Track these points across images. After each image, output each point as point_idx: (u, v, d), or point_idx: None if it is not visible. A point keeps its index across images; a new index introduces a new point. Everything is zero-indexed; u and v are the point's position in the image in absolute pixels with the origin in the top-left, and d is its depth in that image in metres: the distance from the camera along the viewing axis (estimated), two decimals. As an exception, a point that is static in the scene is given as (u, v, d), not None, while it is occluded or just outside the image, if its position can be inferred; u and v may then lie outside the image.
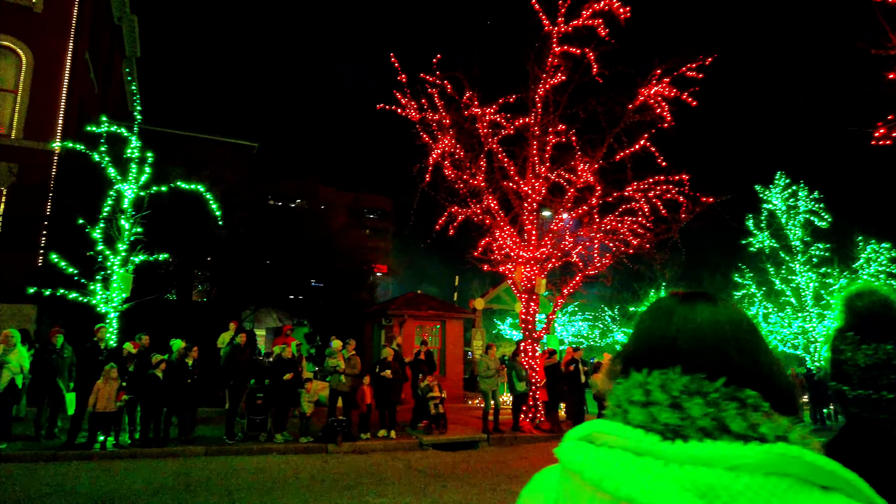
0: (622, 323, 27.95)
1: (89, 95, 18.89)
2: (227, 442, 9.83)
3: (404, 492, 7.60)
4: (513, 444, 12.04)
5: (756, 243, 24.28)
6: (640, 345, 0.82)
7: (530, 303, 13.95)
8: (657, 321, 0.82)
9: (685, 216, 13.77)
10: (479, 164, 13.72)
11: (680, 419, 0.70)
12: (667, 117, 13.19)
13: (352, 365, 11.29)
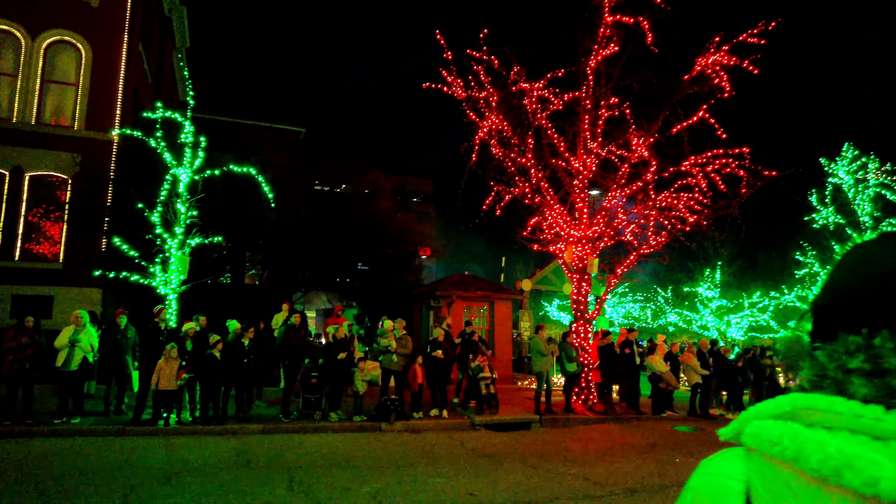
0: (675, 304, 27.11)
1: (143, 86, 19.45)
2: (282, 420, 10.02)
3: (460, 472, 7.56)
4: (565, 425, 11.86)
5: (820, 219, 22.98)
6: (851, 297, 0.64)
7: (582, 283, 13.62)
8: (877, 265, 0.63)
9: (745, 191, 13.10)
10: (527, 142, 13.39)
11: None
12: (726, 87, 12.51)
13: (403, 344, 11.33)
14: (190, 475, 6.74)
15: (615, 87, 13.06)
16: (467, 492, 6.56)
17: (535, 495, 6.56)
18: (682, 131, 12.98)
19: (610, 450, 9.54)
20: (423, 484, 6.86)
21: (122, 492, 5.97)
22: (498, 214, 14.30)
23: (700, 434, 11.54)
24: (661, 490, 7.00)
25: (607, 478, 7.48)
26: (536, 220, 14.15)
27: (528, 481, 7.20)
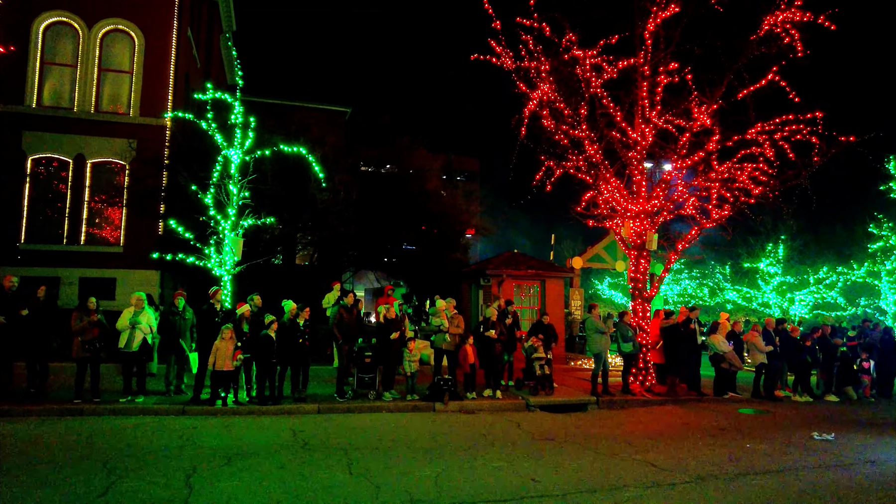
0: (734, 281, 25.92)
1: (193, 71, 19.70)
2: (337, 400, 10.04)
3: (520, 455, 7.34)
4: (623, 407, 11.49)
5: (896, 188, 21.38)
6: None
7: (640, 260, 13.06)
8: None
9: (818, 159, 12.19)
10: (581, 113, 12.80)
11: None
12: (799, 46, 11.58)
13: (455, 324, 11.14)
14: (249, 456, 6.76)
15: (675, 51, 12.30)
16: (530, 477, 6.33)
17: (601, 481, 6.28)
18: (748, 97, 12.14)
19: (674, 433, 9.13)
20: (483, 468, 6.68)
21: (186, 472, 6.02)
22: (548, 190, 13.82)
23: (766, 417, 10.96)
24: (735, 478, 6.59)
25: (675, 464, 7.12)
26: (591, 195, 13.60)
27: (591, 466, 6.92)
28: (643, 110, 12.72)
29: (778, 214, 15.15)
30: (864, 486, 6.58)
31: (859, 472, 7.25)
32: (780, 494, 6.08)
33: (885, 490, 6.42)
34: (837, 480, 6.79)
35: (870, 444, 8.72)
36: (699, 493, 6.02)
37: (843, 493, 6.25)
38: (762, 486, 6.34)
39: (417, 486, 5.84)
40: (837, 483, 6.67)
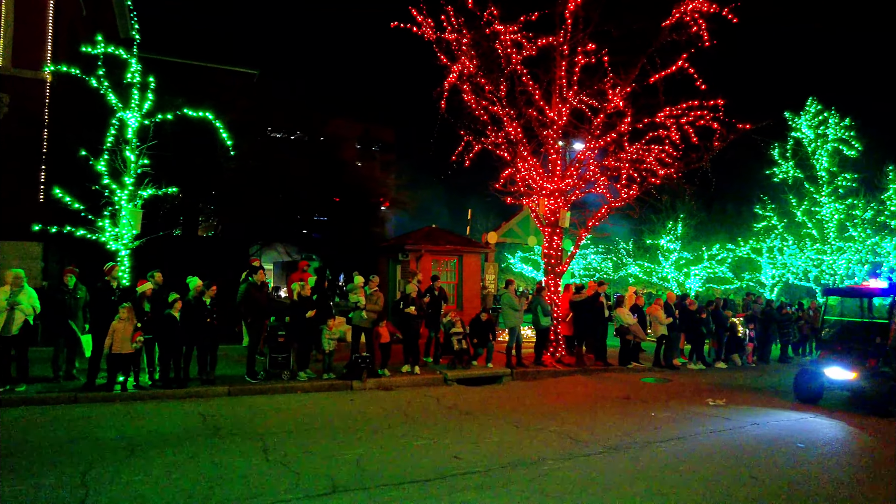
0: (637, 255, 27.52)
1: (78, 19, 17.63)
2: (249, 381, 9.58)
3: (441, 431, 7.37)
4: (536, 378, 11.88)
5: (780, 173, 23.40)
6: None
7: (553, 236, 13.42)
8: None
9: (718, 144, 12.99)
10: (501, 89, 12.80)
11: None
12: (705, 36, 12.14)
13: (374, 301, 10.92)
14: (155, 446, 6.28)
15: (593, 32, 12.52)
16: (453, 454, 6.36)
17: (521, 455, 6.43)
18: (659, 81, 12.63)
19: (586, 404, 9.56)
20: (405, 447, 6.63)
21: (81, 468, 5.47)
22: (467, 165, 13.83)
23: (667, 385, 11.77)
24: (644, 447, 6.99)
25: (589, 435, 7.44)
26: (510, 172, 13.74)
27: (510, 440, 7.07)
28: (561, 89, 12.92)
29: (679, 194, 16.07)
30: (752, 444, 7.23)
31: (748, 432, 7.95)
32: (684, 459, 6.52)
33: (770, 446, 7.09)
34: (731, 441, 7.41)
35: (754, 408, 9.59)
36: (613, 462, 6.33)
37: (736, 453, 6.82)
38: (668, 453, 6.78)
39: (339, 470, 5.69)
40: (731, 444, 7.28)
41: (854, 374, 9.53)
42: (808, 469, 6.42)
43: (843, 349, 10.12)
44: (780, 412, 9.35)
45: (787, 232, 23.93)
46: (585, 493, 5.35)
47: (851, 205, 22.89)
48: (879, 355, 9.61)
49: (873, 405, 9.25)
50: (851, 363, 9.69)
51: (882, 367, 9.49)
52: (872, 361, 9.56)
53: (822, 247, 23.26)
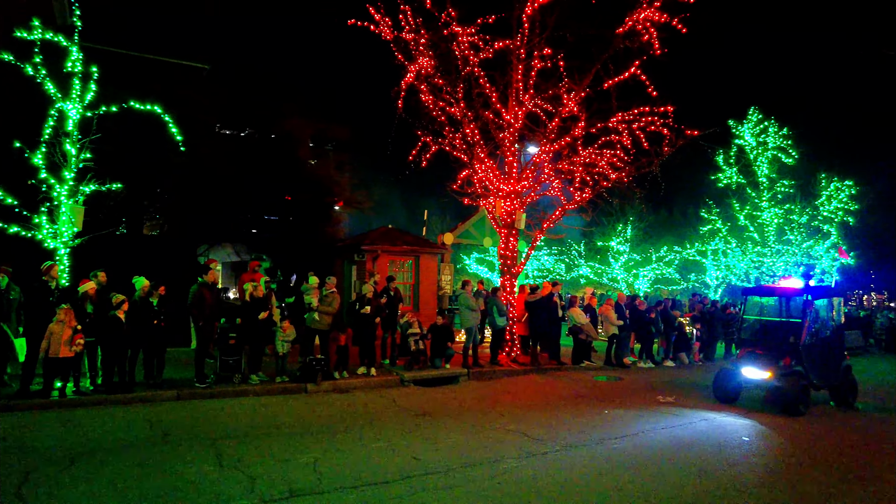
0: (588, 257, 28.15)
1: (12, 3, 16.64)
2: (198, 385, 9.23)
3: (398, 433, 7.30)
4: (492, 378, 11.95)
5: (724, 179, 24.42)
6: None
7: (509, 238, 13.56)
8: None
9: (668, 150, 13.41)
10: (458, 90, 12.84)
11: None
12: (656, 44, 12.51)
13: (328, 302, 10.72)
14: (98, 455, 5.97)
15: (549, 37, 12.72)
16: (412, 455, 6.32)
17: (480, 454, 6.45)
18: (612, 87, 12.95)
19: (541, 403, 9.68)
20: (362, 449, 6.54)
21: (15, 480, 5.13)
22: (424, 166, 13.82)
23: (619, 383, 12.05)
24: (599, 443, 7.14)
25: (545, 433, 7.53)
26: (467, 173, 13.80)
27: (469, 440, 7.09)
28: (517, 93, 13.06)
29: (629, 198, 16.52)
30: (701, 440, 7.48)
31: (697, 428, 8.22)
32: (637, 455, 6.69)
33: (718, 440, 7.36)
34: (681, 437, 7.65)
35: (701, 404, 9.93)
36: (570, 459, 6.43)
37: (686, 448, 7.04)
38: (622, 449, 6.94)
39: (296, 475, 5.56)
40: (681, 440, 7.51)
41: (768, 373, 9.52)
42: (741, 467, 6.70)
43: (759, 348, 10.12)
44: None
45: (731, 235, 25.00)
46: (545, 491, 5.41)
47: (789, 210, 24.14)
48: (793, 355, 9.61)
49: (784, 404, 9.26)
50: (766, 363, 9.67)
51: (795, 366, 9.50)
52: (786, 361, 9.56)
53: (762, 249, 24.39)
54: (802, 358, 9.57)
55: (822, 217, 24.13)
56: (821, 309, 10.53)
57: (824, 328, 10.49)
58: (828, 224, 24.22)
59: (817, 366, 9.87)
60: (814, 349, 9.92)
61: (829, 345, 10.39)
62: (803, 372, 9.49)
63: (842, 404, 10.38)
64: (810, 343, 9.89)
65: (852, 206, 23.98)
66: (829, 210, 23.97)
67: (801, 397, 9.27)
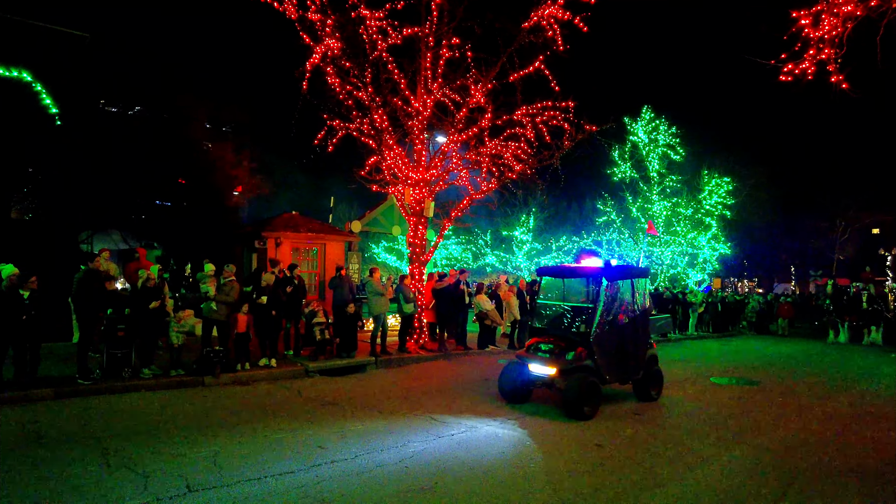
0: (494, 246, 28.92)
1: None
2: (82, 382, 8.50)
3: (304, 423, 7.14)
4: (401, 365, 11.99)
5: (619, 173, 25.94)
6: None
7: (418, 226, 13.61)
8: None
9: (568, 143, 14.00)
10: (366, 75, 12.65)
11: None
12: (559, 41, 12.99)
13: (226, 292, 10.22)
14: (-42, 461, 5.34)
15: (458, 27, 12.82)
16: (317, 445, 6.20)
17: (388, 440, 6.45)
18: (518, 81, 13.29)
19: (447, 387, 9.84)
20: (265, 440, 6.34)
21: None
22: (330, 151, 13.51)
23: (522, 367, 12.51)
24: (503, 423, 7.39)
25: (451, 415, 7.68)
26: (375, 160, 13.66)
27: (376, 427, 7.07)
28: (426, 81, 13.08)
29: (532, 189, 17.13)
30: (597, 416, 7.93)
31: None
32: (536, 432, 6.98)
33: (616, 415, 7.84)
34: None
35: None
36: (475, 440, 6.61)
37: (587, 424, 7.45)
38: (523, 428, 7.22)
39: (194, 469, 5.29)
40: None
41: (554, 368, 7.99)
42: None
43: (550, 338, 8.54)
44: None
45: (624, 226, 26.67)
46: (451, 471, 5.52)
47: (676, 203, 26.14)
48: (583, 346, 8.10)
49: (566, 406, 7.83)
50: (553, 356, 8.13)
51: (583, 360, 8.04)
52: (577, 352, 8.07)
53: (652, 240, 26.24)
54: (594, 350, 8.11)
55: (705, 210, 26.38)
56: (621, 292, 8.90)
57: (626, 313, 8.89)
58: (709, 217, 26.49)
59: (613, 358, 8.48)
60: (609, 339, 8.41)
61: (629, 333, 8.84)
62: (593, 367, 8.12)
63: (644, 399, 9.13)
64: (605, 332, 8.35)
65: (729, 201, 26.43)
66: (711, 204, 26.24)
67: (585, 398, 7.77)
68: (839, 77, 6.95)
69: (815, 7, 6.89)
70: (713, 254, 26.86)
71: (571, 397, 7.71)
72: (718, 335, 21.76)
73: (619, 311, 8.75)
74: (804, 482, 5.61)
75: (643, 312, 9.33)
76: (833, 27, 6.77)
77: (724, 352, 16.85)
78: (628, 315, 8.91)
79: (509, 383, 8.54)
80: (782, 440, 7.11)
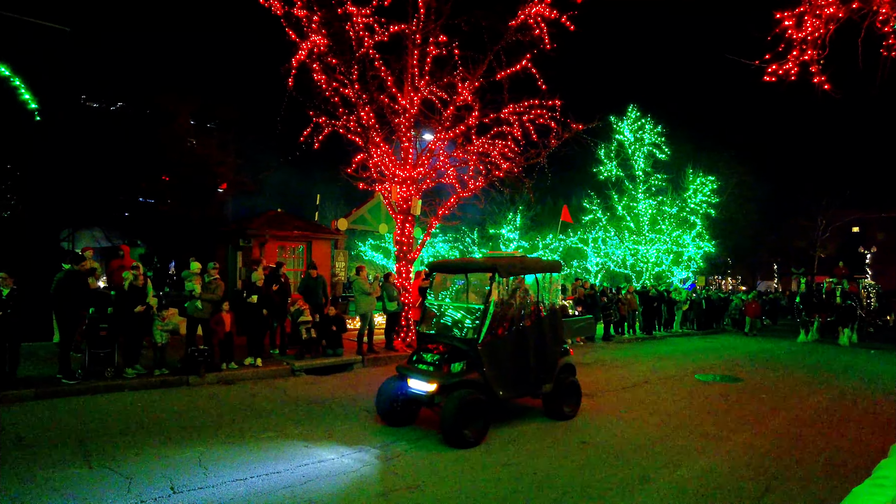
0: (481, 244, 28.93)
1: None
2: (64, 382, 8.38)
3: (289, 423, 7.10)
4: (387, 363, 11.95)
5: (605, 171, 26.09)
6: None
7: (405, 224, 13.58)
8: None
9: (555, 142, 14.04)
10: (353, 72, 12.58)
11: None
12: (546, 39, 13.02)
13: (212, 290, 10.15)
14: (-64, 463, 5.23)
15: (445, 24, 12.80)
16: (303, 444, 6.17)
17: (374, 440, 6.44)
18: (504, 79, 13.30)
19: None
20: (252, 440, 6.29)
21: None
22: (316, 148, 13.44)
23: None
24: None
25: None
26: (362, 158, 13.61)
27: (362, 426, 7.05)
28: (413, 78, 13.04)
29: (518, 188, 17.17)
30: (583, 413, 7.98)
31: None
32: (527, 431, 7.01)
33: (602, 413, 7.89)
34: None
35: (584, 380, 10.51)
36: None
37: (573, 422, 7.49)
38: (513, 426, 7.24)
39: (178, 471, 5.23)
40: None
41: (434, 384, 6.47)
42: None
43: (440, 345, 7.05)
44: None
45: (610, 224, 26.83)
46: (438, 468, 5.52)
47: (661, 201, 26.37)
48: (470, 356, 6.71)
49: (444, 429, 6.24)
50: (434, 369, 6.63)
51: (467, 373, 6.62)
52: (464, 365, 6.66)
53: (637, 238, 26.44)
54: (482, 360, 6.68)
55: (689, 208, 26.63)
56: (523, 290, 7.69)
57: (530, 315, 7.49)
58: (693, 215, 26.75)
59: (509, 369, 7.04)
60: (505, 346, 7.03)
61: (534, 338, 7.37)
62: (482, 381, 6.67)
63: (556, 416, 7.57)
64: (500, 338, 6.98)
65: (714, 200, 26.71)
66: (695, 202, 26.49)
67: (466, 420, 6.26)
68: (821, 78, 7.05)
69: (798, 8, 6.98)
70: (698, 252, 27.13)
71: (448, 419, 6.16)
72: (703, 332, 22.00)
73: (519, 312, 7.44)
74: (786, 479, 5.69)
75: (552, 313, 7.85)
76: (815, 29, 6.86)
77: (708, 349, 17.03)
78: (532, 317, 7.50)
79: (386, 402, 6.98)
80: (765, 437, 7.20)
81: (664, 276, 26.73)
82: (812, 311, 19.97)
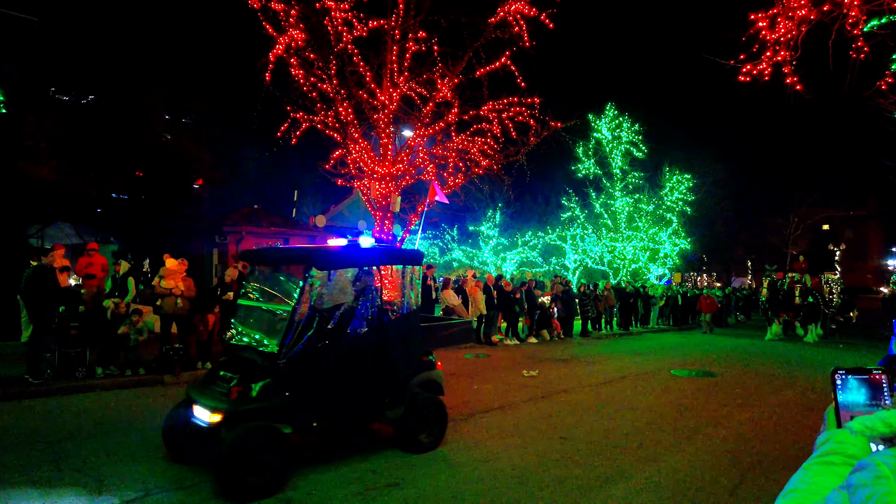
0: (461, 241, 29.00)
1: None
2: (32, 382, 8.17)
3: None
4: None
5: (583, 169, 26.31)
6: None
7: (385, 221, 13.52)
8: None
9: (533, 140, 14.11)
10: (331, 67, 12.47)
11: None
12: (525, 37, 13.05)
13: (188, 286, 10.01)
14: None
15: (424, 20, 12.75)
16: (281, 444, 6.08)
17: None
18: (484, 76, 13.32)
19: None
20: (227, 441, 6.18)
21: None
22: (294, 143, 13.32)
23: (488, 360, 12.61)
24: (468, 418, 7.43)
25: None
26: (340, 153, 13.50)
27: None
28: (392, 74, 12.97)
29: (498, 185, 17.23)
30: (562, 409, 8.05)
31: (558, 399, 8.83)
32: (506, 427, 7.04)
33: (580, 409, 7.96)
34: (544, 409, 8.17)
35: (562, 376, 10.69)
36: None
37: (552, 417, 7.54)
38: (492, 422, 7.27)
39: (152, 472, 5.13)
40: (543, 410, 8.02)
41: (217, 414, 4.85)
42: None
43: (238, 364, 5.37)
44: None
45: (588, 222, 27.08)
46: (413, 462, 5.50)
47: (638, 199, 26.70)
48: (264, 376, 5.04)
49: (218, 474, 4.59)
50: (223, 393, 5.02)
51: (261, 400, 4.94)
52: (238, 390, 4.97)
53: (615, 235, 26.73)
54: (285, 381, 5.06)
55: (666, 206, 27.02)
56: (358, 287, 5.89)
57: (366, 320, 5.71)
58: (670, 213, 27.13)
59: (332, 392, 5.43)
60: (325, 361, 5.37)
61: (374, 350, 5.76)
62: (281, 407, 5.00)
63: (411, 449, 5.89)
64: (317, 351, 5.26)
65: (690, 198, 27.13)
66: (672, 200, 26.88)
67: (249, 462, 4.60)
68: (794, 78, 7.19)
69: (771, 10, 7.10)
70: (674, 249, 27.52)
71: (222, 463, 4.53)
72: (678, 328, 22.33)
73: (351, 315, 5.67)
74: (759, 472, 5.80)
75: (406, 317, 6.20)
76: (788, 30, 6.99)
77: (683, 345, 17.29)
78: (371, 322, 5.73)
79: (172, 431, 5.45)
80: (739, 431, 7.33)
81: (641, 273, 27.07)
82: (778, 309, 19.99)
